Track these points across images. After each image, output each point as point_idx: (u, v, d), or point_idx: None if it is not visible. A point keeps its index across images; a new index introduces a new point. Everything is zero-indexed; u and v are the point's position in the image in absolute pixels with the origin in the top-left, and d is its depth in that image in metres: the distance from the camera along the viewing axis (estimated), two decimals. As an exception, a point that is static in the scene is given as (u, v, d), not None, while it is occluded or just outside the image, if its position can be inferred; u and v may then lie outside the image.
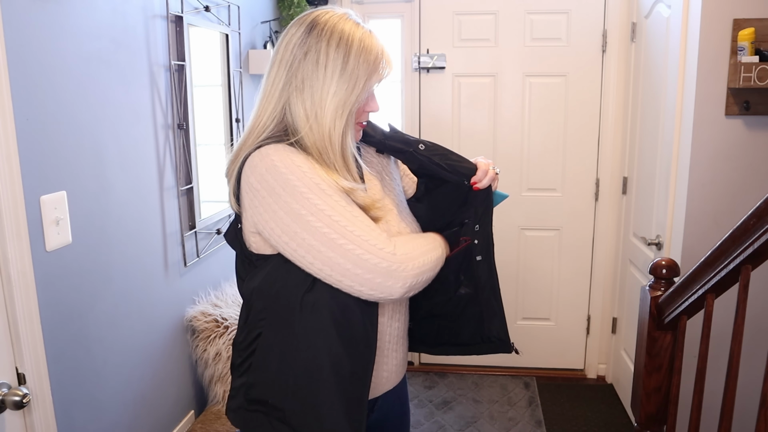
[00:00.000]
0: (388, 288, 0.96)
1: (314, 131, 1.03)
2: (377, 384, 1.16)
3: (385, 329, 1.14)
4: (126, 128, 1.68)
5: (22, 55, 1.28)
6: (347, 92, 1.03)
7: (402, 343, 1.21)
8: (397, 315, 1.17)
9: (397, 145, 1.18)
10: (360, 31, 1.05)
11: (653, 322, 1.53)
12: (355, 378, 1.02)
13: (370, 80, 1.05)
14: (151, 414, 1.87)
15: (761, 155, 2.01)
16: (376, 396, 1.17)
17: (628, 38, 2.80)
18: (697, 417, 1.41)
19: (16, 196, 1.24)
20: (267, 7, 2.76)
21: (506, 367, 3.21)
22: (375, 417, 1.19)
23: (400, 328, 1.19)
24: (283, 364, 1.03)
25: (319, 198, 0.95)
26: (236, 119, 2.37)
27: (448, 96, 3.02)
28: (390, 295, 0.97)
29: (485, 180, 1.16)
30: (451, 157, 1.17)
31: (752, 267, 1.20)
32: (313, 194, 0.95)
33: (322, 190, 0.96)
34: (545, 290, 3.14)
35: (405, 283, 0.97)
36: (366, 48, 1.04)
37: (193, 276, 2.12)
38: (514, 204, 3.06)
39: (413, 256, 1.00)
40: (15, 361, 1.25)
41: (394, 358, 1.18)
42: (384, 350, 1.15)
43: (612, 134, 2.92)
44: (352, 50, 1.03)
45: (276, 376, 1.04)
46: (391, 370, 1.19)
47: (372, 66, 1.04)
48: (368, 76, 1.04)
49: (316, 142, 1.03)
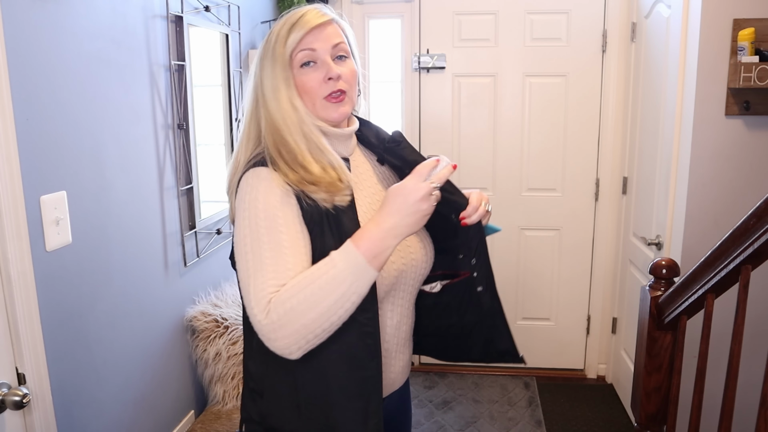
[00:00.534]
0: (270, 345, 0.93)
1: (269, 127, 1.04)
2: (384, 386, 1.16)
3: (393, 333, 1.14)
4: (126, 128, 1.68)
5: (22, 55, 1.28)
6: (272, 71, 1.04)
7: (407, 345, 1.20)
8: (404, 319, 1.16)
9: (394, 162, 1.16)
10: (288, 14, 1.07)
11: (653, 322, 1.53)
12: (365, 387, 1.01)
13: (285, 46, 1.03)
14: (151, 414, 1.87)
15: (761, 155, 2.01)
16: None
17: (628, 38, 2.80)
18: (697, 417, 1.41)
19: (16, 196, 1.24)
20: (267, 7, 2.76)
21: (506, 367, 3.21)
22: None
23: (406, 331, 1.18)
24: (292, 389, 1.03)
25: (251, 235, 0.96)
26: (236, 119, 2.37)
27: (448, 96, 3.02)
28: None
29: (474, 216, 1.09)
30: (444, 186, 1.05)
31: (752, 267, 1.20)
32: (249, 229, 0.96)
33: (258, 226, 0.96)
34: (545, 290, 3.14)
35: (280, 347, 0.92)
36: (280, 22, 1.06)
37: (193, 276, 2.12)
38: (514, 204, 3.06)
39: (288, 320, 0.90)
40: (15, 361, 1.25)
41: (401, 360, 1.18)
42: (392, 352, 1.15)
43: (612, 134, 2.92)
44: (271, 34, 1.06)
45: (287, 403, 1.05)
46: (397, 372, 1.18)
47: (283, 32, 1.04)
48: (283, 41, 1.03)
49: (276, 142, 1.02)
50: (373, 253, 0.93)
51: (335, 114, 1.07)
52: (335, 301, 0.91)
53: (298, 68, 1.05)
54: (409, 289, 1.15)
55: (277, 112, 1.04)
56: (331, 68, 1.04)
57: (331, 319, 0.92)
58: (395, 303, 1.13)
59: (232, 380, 2.05)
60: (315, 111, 1.07)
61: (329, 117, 1.07)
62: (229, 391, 2.06)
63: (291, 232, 0.96)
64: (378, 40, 3.07)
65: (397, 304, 1.13)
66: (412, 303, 1.17)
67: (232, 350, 2.03)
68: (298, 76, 1.06)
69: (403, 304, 1.15)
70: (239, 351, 2.04)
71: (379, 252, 0.93)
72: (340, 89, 1.05)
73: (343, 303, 0.92)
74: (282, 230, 0.96)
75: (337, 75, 1.04)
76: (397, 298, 1.13)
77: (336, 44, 1.06)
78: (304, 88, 1.05)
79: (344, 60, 1.08)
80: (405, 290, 1.14)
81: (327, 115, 1.07)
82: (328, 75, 1.04)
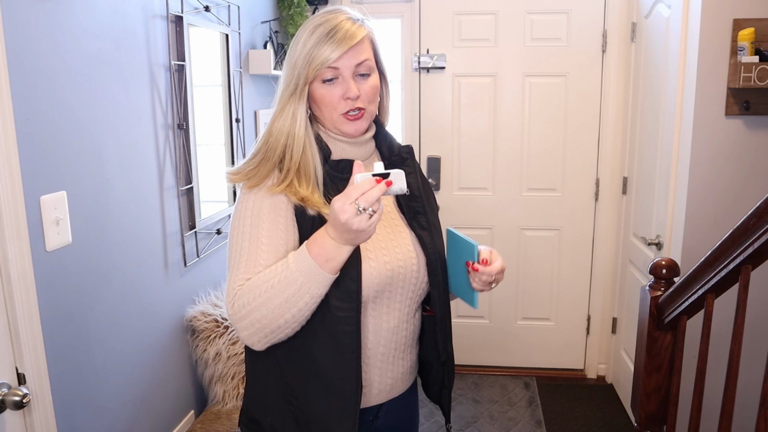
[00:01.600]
0: (237, 334, 1.06)
1: (275, 132, 1.08)
2: (381, 390, 1.16)
3: (390, 337, 1.13)
4: (126, 128, 1.68)
5: (22, 55, 1.28)
6: (287, 80, 1.07)
7: (410, 352, 1.19)
8: (404, 325, 1.15)
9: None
10: (311, 18, 1.09)
11: (653, 322, 1.53)
12: (343, 386, 1.05)
13: (313, 62, 1.04)
14: (151, 414, 1.87)
15: (761, 155, 2.01)
16: (380, 402, 1.17)
17: (628, 38, 2.80)
18: (697, 417, 1.41)
19: (16, 196, 1.24)
20: (267, 7, 2.76)
21: (506, 367, 3.21)
22: (380, 424, 1.19)
23: (408, 337, 1.17)
24: (275, 382, 1.09)
25: (237, 230, 1.05)
26: (236, 119, 2.37)
27: (448, 96, 3.02)
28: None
29: (484, 277, 1.09)
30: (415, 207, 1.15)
31: (752, 267, 1.20)
32: (235, 227, 1.06)
33: (243, 225, 1.04)
34: (545, 290, 3.14)
35: (242, 336, 1.02)
36: (309, 26, 1.07)
37: (193, 276, 2.12)
38: (514, 204, 3.06)
39: (246, 312, 0.99)
40: (15, 361, 1.25)
41: (401, 366, 1.17)
42: (389, 357, 1.15)
43: (612, 134, 2.92)
44: (298, 38, 1.08)
45: (270, 396, 1.11)
46: (397, 378, 1.17)
47: (311, 43, 1.04)
48: (310, 54, 1.04)
49: (277, 148, 1.07)
50: (324, 258, 0.96)
51: (351, 129, 1.10)
52: (286, 299, 0.97)
53: (320, 82, 1.07)
54: (408, 294, 1.14)
55: (280, 120, 1.08)
56: (350, 88, 1.06)
57: (285, 316, 0.97)
58: (391, 306, 1.12)
59: (232, 380, 2.05)
60: (332, 123, 1.10)
61: (345, 131, 1.10)
62: (229, 391, 2.06)
63: (272, 230, 1.03)
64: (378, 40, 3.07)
65: (394, 308, 1.13)
66: (413, 309, 1.16)
67: (232, 350, 2.03)
68: (317, 89, 1.08)
69: (401, 309, 1.14)
70: (239, 351, 2.04)
71: (331, 257, 0.96)
72: (359, 107, 1.08)
73: (295, 302, 0.97)
74: (263, 227, 1.03)
75: (356, 95, 1.06)
76: (393, 302, 1.12)
77: (360, 62, 1.07)
78: (324, 101, 1.08)
79: (366, 78, 1.09)
80: (402, 294, 1.13)
81: (343, 129, 1.10)
82: (347, 95, 1.06)
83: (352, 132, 1.09)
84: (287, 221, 1.04)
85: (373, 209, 0.91)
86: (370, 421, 1.17)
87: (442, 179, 3.07)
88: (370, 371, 1.13)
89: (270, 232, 1.03)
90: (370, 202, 0.90)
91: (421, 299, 1.18)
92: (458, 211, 3.09)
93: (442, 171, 3.07)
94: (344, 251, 0.96)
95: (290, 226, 1.05)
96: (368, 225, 0.92)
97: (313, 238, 0.98)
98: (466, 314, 3.17)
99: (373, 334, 1.11)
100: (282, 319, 0.98)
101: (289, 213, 1.05)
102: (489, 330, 3.19)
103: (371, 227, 0.93)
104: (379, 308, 1.11)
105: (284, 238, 1.04)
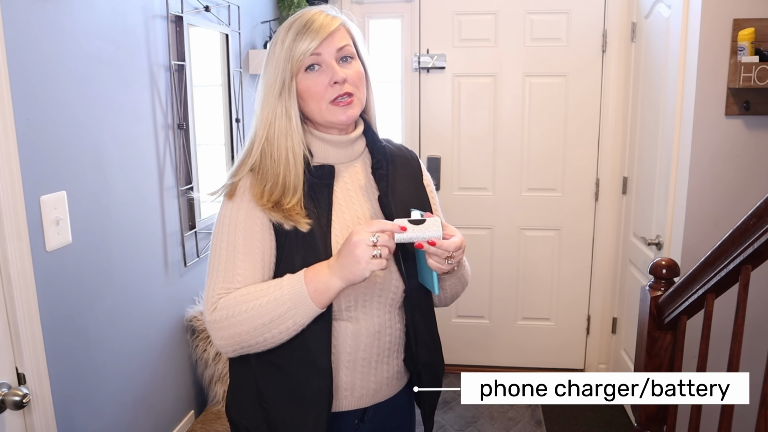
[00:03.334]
0: (212, 339, 1.06)
1: (259, 136, 1.09)
2: (364, 395, 1.15)
3: (371, 342, 1.12)
4: (126, 128, 1.68)
5: (22, 55, 1.28)
6: (270, 82, 1.07)
7: (395, 357, 1.18)
8: (387, 330, 1.14)
9: (381, 173, 1.15)
10: (285, 22, 1.09)
11: (653, 322, 1.53)
12: (315, 393, 1.06)
13: (292, 56, 1.04)
14: (151, 414, 1.87)
15: (761, 155, 2.01)
16: (365, 406, 1.16)
17: (628, 38, 2.80)
18: (697, 417, 1.41)
19: (16, 196, 1.24)
20: (267, 7, 2.76)
21: (506, 367, 3.21)
22: (368, 428, 1.18)
23: (391, 342, 1.15)
24: (251, 385, 1.11)
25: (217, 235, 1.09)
26: (236, 119, 2.37)
27: (448, 96, 3.02)
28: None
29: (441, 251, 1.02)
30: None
31: (752, 267, 1.20)
32: (215, 235, 1.10)
33: (222, 233, 1.08)
34: (545, 290, 3.14)
35: (217, 344, 1.04)
36: (285, 26, 1.07)
37: (193, 276, 2.12)
38: (514, 204, 3.06)
39: (228, 324, 1.01)
40: (15, 361, 1.25)
41: (385, 371, 1.16)
42: (371, 361, 1.13)
43: (612, 134, 2.92)
44: (276, 39, 1.08)
45: (247, 399, 1.13)
46: (381, 382, 1.16)
47: (289, 40, 1.04)
48: (289, 50, 1.04)
49: (259, 154, 1.09)
50: (315, 287, 0.98)
51: (343, 117, 1.06)
52: (270, 320, 0.98)
53: (303, 72, 1.05)
54: (387, 300, 1.12)
55: (263, 124, 1.09)
56: (336, 72, 1.03)
57: (265, 335, 1.00)
58: (368, 313, 1.11)
59: (232, 380, 2.05)
60: (321, 115, 1.06)
61: (337, 120, 1.06)
62: (229, 391, 2.06)
63: (248, 239, 1.04)
64: (378, 40, 3.07)
65: (373, 314, 1.11)
66: (395, 315, 1.15)
67: (232, 350, 2.03)
68: (302, 81, 1.05)
69: (382, 315, 1.12)
70: (239, 351, 2.04)
71: (322, 289, 0.97)
72: (347, 92, 1.05)
73: (277, 324, 0.99)
74: (239, 235, 1.05)
75: (342, 78, 1.04)
76: (371, 308, 1.11)
77: (341, 47, 1.05)
78: (310, 92, 1.05)
79: (349, 62, 1.07)
80: (380, 302, 1.12)
81: (334, 118, 1.06)
82: (334, 79, 1.03)
83: (344, 119, 1.06)
84: (263, 229, 1.05)
85: (381, 252, 0.93)
86: (356, 425, 1.17)
87: (442, 179, 3.07)
88: (352, 375, 1.12)
89: (246, 240, 1.05)
90: (384, 242, 0.94)
91: (401, 302, 1.15)
92: (458, 211, 3.09)
93: (442, 171, 3.07)
94: (334, 285, 0.97)
95: (266, 234, 1.05)
96: (368, 258, 0.93)
97: (314, 266, 1.01)
98: (467, 314, 3.17)
99: (352, 339, 1.10)
100: (261, 338, 1.00)
101: (265, 221, 1.05)
102: (489, 330, 3.19)
103: (370, 265, 0.93)
104: (356, 314, 1.10)
105: (260, 246, 1.05)
